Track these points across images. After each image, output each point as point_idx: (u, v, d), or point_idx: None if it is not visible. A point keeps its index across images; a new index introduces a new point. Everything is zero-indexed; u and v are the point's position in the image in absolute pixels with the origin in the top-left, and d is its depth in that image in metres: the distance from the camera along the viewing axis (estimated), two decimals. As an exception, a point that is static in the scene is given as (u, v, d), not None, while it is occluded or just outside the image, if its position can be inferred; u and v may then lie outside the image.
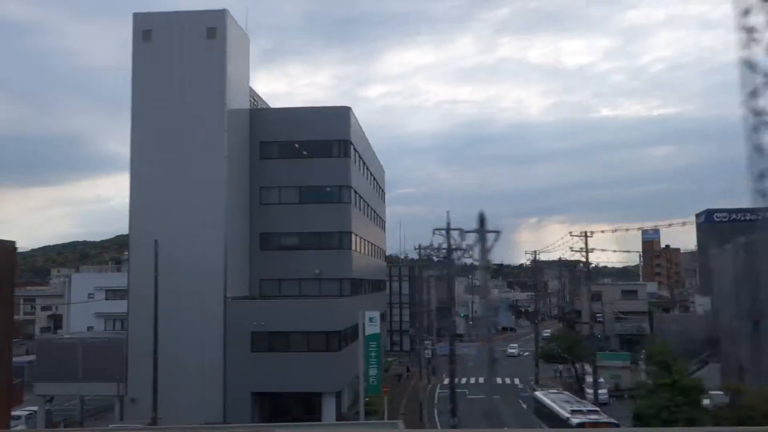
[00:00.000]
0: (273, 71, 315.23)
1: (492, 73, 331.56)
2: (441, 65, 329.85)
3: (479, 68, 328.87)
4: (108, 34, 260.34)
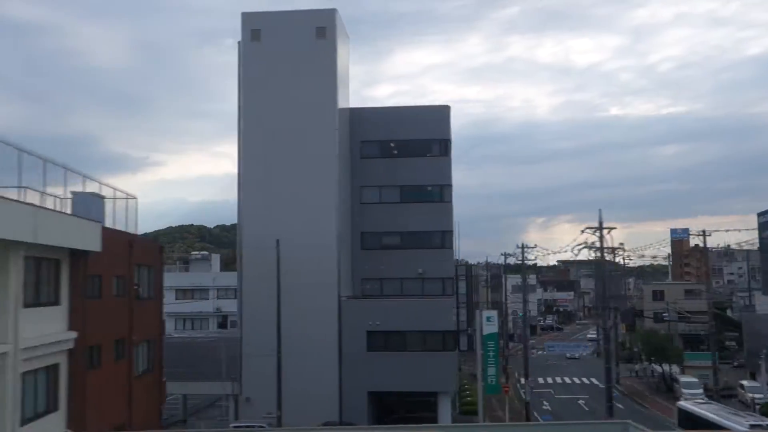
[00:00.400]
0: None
1: (500, 72, 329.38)
2: (449, 65, 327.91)
3: (487, 67, 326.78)
4: (108, 34, 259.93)
